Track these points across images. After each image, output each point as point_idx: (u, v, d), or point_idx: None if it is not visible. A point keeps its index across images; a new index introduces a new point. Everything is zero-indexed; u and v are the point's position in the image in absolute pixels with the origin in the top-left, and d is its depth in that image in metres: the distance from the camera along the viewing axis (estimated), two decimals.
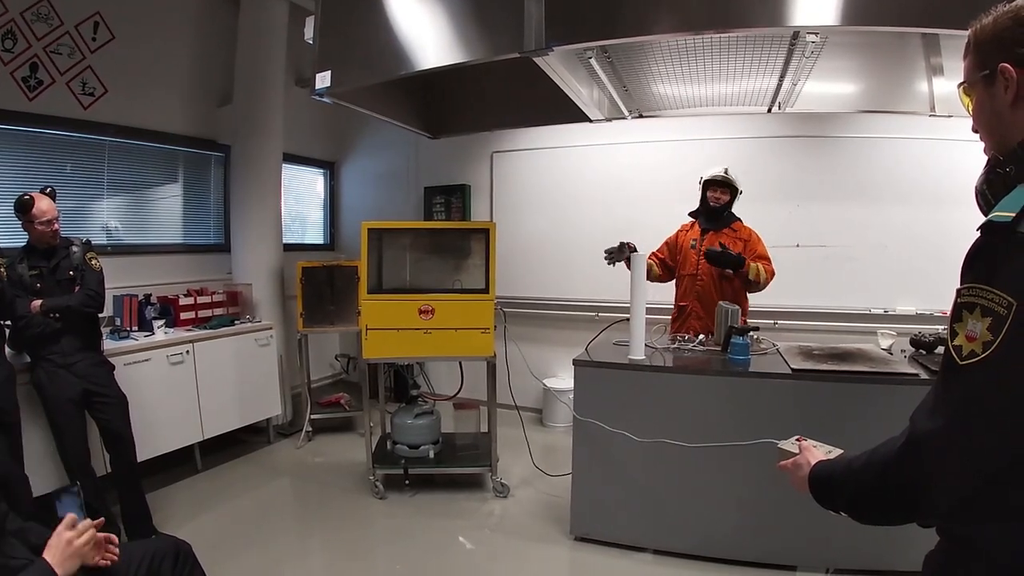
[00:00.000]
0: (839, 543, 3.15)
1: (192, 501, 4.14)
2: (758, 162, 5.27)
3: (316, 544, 3.75)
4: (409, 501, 4.17)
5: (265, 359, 5.07)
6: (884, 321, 4.79)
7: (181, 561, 2.17)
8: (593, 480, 3.58)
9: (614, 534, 3.57)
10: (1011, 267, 0.96)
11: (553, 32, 2.56)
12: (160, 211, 5.31)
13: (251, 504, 4.20)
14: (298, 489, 4.57)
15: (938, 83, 3.38)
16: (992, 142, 1.18)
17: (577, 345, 3.93)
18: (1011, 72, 1.09)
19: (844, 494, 1.26)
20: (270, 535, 3.75)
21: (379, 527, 3.92)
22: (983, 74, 1.15)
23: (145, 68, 4.91)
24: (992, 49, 1.13)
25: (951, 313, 1.04)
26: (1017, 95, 1.10)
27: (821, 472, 1.34)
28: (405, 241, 4.47)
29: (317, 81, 3.17)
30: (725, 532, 3.37)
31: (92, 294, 3.46)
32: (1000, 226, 0.99)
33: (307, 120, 6.43)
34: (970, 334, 0.99)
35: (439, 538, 3.73)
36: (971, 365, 0.98)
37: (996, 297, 0.96)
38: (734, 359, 3.49)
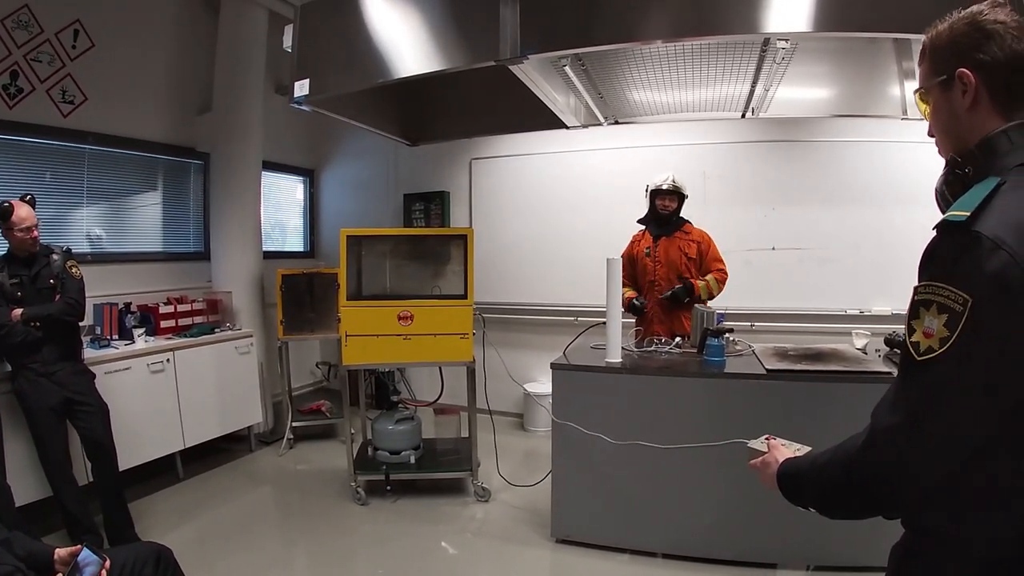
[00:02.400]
0: (819, 540, 3.19)
1: (174, 510, 4.12)
2: (733, 167, 5.34)
3: (299, 551, 3.74)
4: (391, 507, 4.17)
5: (246, 367, 5.06)
6: (860, 322, 4.86)
7: (163, 566, 2.18)
8: (572, 483, 3.61)
9: (594, 535, 3.59)
10: (966, 265, 0.99)
11: (528, 40, 2.61)
12: (140, 219, 5.28)
13: (233, 512, 4.19)
14: (280, 497, 4.56)
15: (910, 86, 3.44)
16: (950, 145, 1.22)
17: (556, 350, 3.96)
18: (969, 77, 1.13)
19: (810, 489, 1.28)
20: (253, 543, 3.74)
21: (361, 533, 3.92)
22: (940, 79, 1.18)
23: (125, 76, 4.90)
24: (949, 55, 1.17)
25: (908, 310, 1.07)
26: (975, 98, 1.14)
27: (788, 469, 1.36)
28: (384, 248, 4.49)
29: (296, 89, 3.21)
30: (704, 531, 3.41)
31: (72, 302, 3.44)
32: (955, 225, 1.03)
33: (286, 128, 6.43)
34: (927, 330, 1.01)
35: (421, 543, 3.74)
36: (928, 361, 1.01)
37: (952, 294, 0.99)
38: (709, 360, 3.53)
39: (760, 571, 3.33)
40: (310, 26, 3.25)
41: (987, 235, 0.97)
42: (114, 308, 4.40)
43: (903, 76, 3.42)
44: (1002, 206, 1.01)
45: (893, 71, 3.43)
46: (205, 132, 5.48)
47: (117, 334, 4.37)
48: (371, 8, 3.03)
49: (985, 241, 0.97)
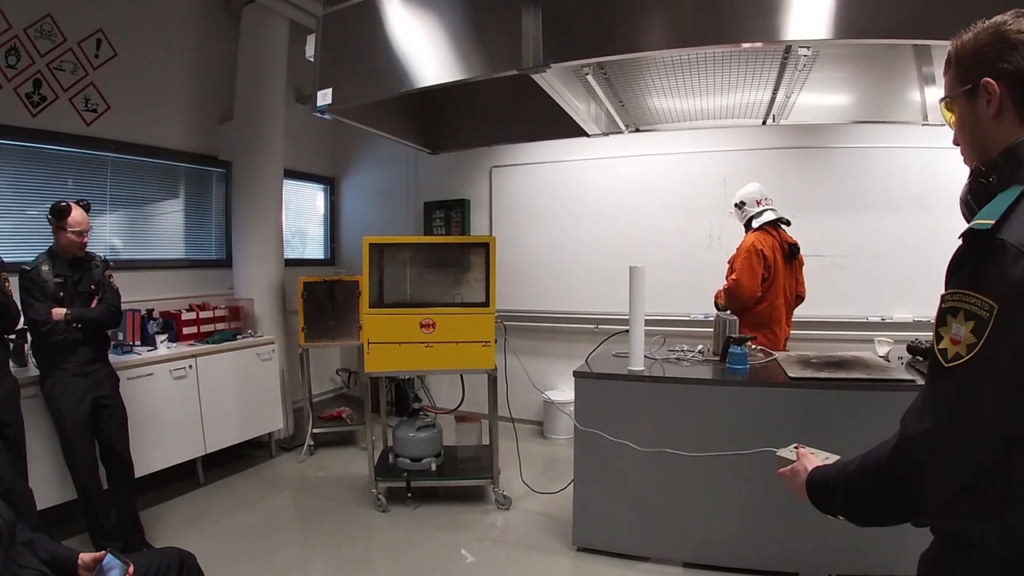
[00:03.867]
0: (840, 548, 3.16)
1: (195, 515, 4.15)
2: (754, 174, 5.29)
3: (319, 557, 3.76)
4: (411, 514, 4.18)
5: (267, 374, 5.10)
6: (881, 329, 4.83)
7: (186, 572, 2.19)
8: (594, 490, 3.60)
9: (616, 544, 3.58)
10: (992, 272, 1.00)
11: (550, 49, 2.62)
12: (162, 226, 5.34)
13: (254, 518, 4.21)
14: (300, 503, 4.57)
15: (930, 92, 3.42)
16: (974, 154, 1.22)
17: (577, 357, 3.96)
18: (994, 86, 1.13)
19: (840, 498, 1.29)
20: (273, 549, 3.76)
21: (382, 540, 3.93)
22: (965, 88, 1.19)
23: (147, 85, 4.97)
24: (973, 64, 1.17)
25: (936, 318, 1.08)
26: (999, 108, 1.14)
27: (817, 477, 1.37)
28: (406, 256, 4.50)
29: (318, 98, 3.23)
30: (726, 539, 3.39)
31: (114, 310, 3.57)
32: (981, 233, 1.03)
33: (307, 136, 6.50)
34: (955, 337, 1.02)
35: (442, 550, 3.74)
36: (956, 367, 1.02)
37: (978, 301, 1.00)
38: (732, 368, 3.53)
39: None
40: (332, 36, 3.28)
41: (1012, 243, 0.99)
42: (137, 314, 4.45)
43: (923, 81, 3.39)
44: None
45: (913, 76, 3.41)
46: (227, 141, 5.54)
47: (140, 340, 4.43)
48: (393, 18, 3.04)
49: (1010, 249, 0.98)
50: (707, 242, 5.53)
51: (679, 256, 5.55)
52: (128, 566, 1.98)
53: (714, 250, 5.47)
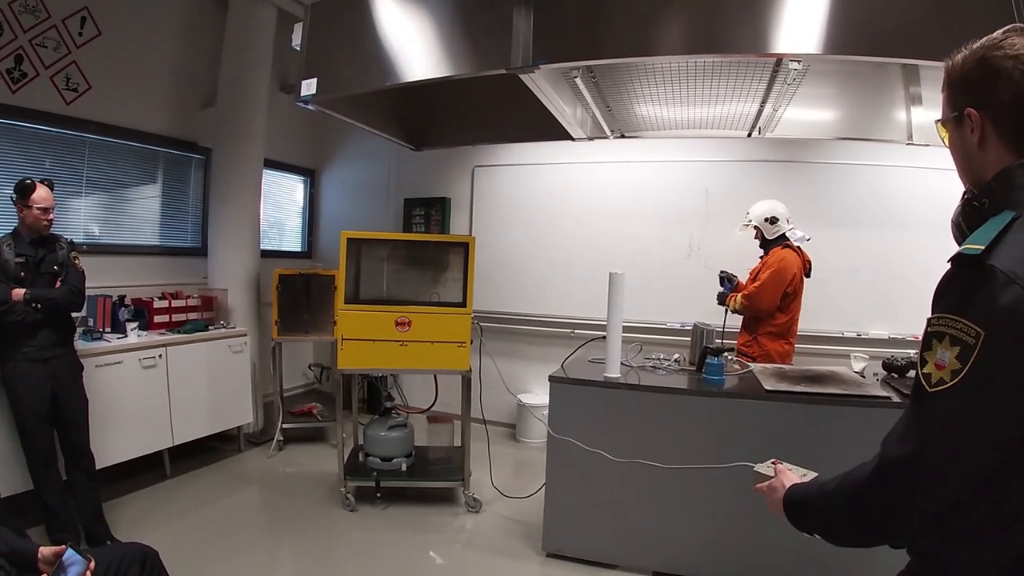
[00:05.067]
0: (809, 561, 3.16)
1: (160, 508, 4.07)
2: (736, 185, 5.34)
3: (286, 556, 3.70)
4: (380, 514, 4.13)
5: (238, 366, 5.01)
6: (857, 344, 4.88)
7: (148, 568, 2.14)
8: (566, 497, 3.58)
9: (586, 551, 3.57)
10: (980, 298, 0.98)
11: (540, 50, 2.59)
12: (137, 212, 5.24)
13: (220, 513, 4.13)
14: (268, 499, 4.50)
15: (916, 112, 3.44)
16: (966, 177, 1.22)
17: (551, 361, 3.94)
18: (976, 116, 1.13)
19: (817, 517, 1.28)
20: (239, 546, 3.69)
21: (349, 540, 3.87)
22: (953, 115, 1.19)
23: (130, 66, 4.87)
24: (960, 91, 1.17)
25: (921, 341, 1.07)
26: (982, 137, 1.14)
27: (795, 495, 1.36)
28: (384, 252, 4.45)
29: (303, 88, 3.17)
30: (696, 549, 3.39)
31: (76, 291, 3.45)
32: (970, 258, 1.02)
33: (289, 126, 6.41)
34: (939, 362, 1.01)
35: (410, 552, 3.70)
36: (940, 392, 1.01)
37: (965, 327, 0.98)
38: (709, 379, 3.53)
39: None
40: (320, 25, 3.22)
41: (1001, 269, 0.97)
42: (108, 300, 4.35)
43: (910, 101, 3.41)
44: (1017, 241, 1.01)
45: (900, 96, 3.42)
46: (208, 127, 5.45)
47: (110, 327, 4.33)
48: (382, 9, 3.00)
49: (999, 275, 0.97)
50: (687, 251, 5.55)
51: (658, 264, 5.56)
52: (89, 561, 1.92)
53: (693, 259, 5.50)
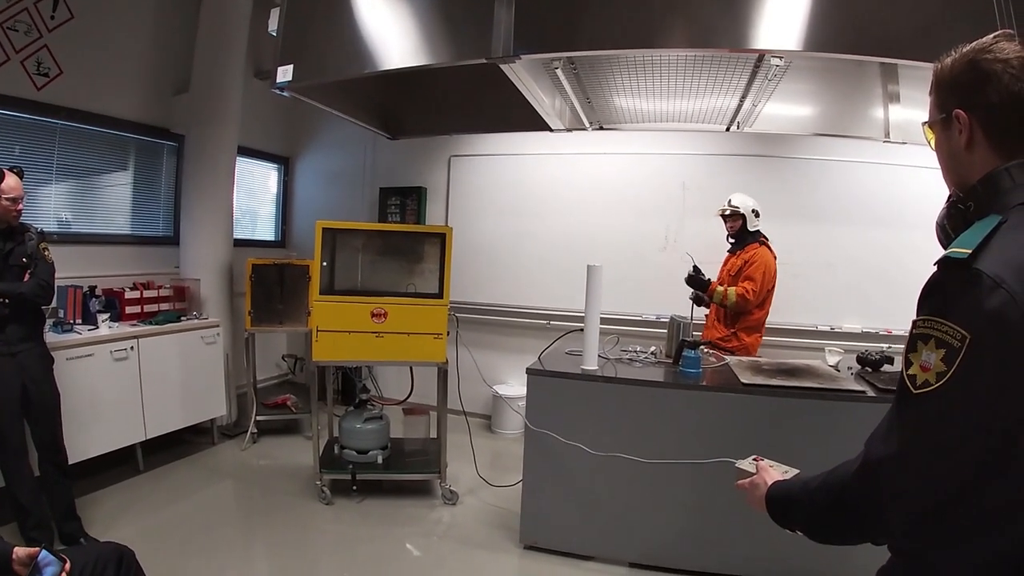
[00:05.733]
0: (784, 554, 3.19)
1: (133, 503, 3.99)
2: (713, 179, 5.37)
3: (262, 550, 3.67)
4: (356, 507, 4.10)
5: (211, 358, 4.94)
6: (830, 338, 4.93)
7: (124, 567, 2.10)
8: (543, 489, 3.58)
9: (563, 543, 3.58)
10: (966, 302, 0.99)
11: (522, 40, 2.56)
12: (109, 200, 5.12)
13: (194, 507, 4.07)
14: (242, 492, 4.45)
15: (894, 110, 3.47)
16: (952, 179, 1.23)
17: (527, 352, 3.94)
18: (964, 118, 1.15)
19: (801, 514, 1.29)
20: (215, 541, 3.64)
21: (325, 533, 3.84)
22: (941, 117, 1.20)
23: (102, 50, 4.73)
24: (949, 94, 1.19)
25: (906, 343, 1.08)
26: (970, 138, 1.15)
27: (778, 492, 1.37)
28: (360, 242, 4.40)
29: (279, 74, 3.11)
30: (673, 541, 3.42)
31: (45, 285, 3.32)
32: (957, 262, 1.03)
33: (263, 113, 6.29)
34: (924, 364, 1.02)
35: (386, 545, 3.68)
36: (924, 394, 1.02)
37: (951, 330, 0.99)
38: (685, 371, 3.54)
39: None
40: (297, 11, 3.16)
41: (988, 273, 0.98)
42: (79, 291, 4.23)
43: (887, 99, 3.45)
44: (1003, 245, 1.03)
45: (878, 93, 3.46)
46: (181, 113, 5.34)
47: (81, 318, 4.22)
48: None
49: (986, 279, 0.98)
50: (662, 243, 5.58)
51: (634, 256, 5.59)
52: (64, 563, 1.88)
53: (669, 252, 5.53)
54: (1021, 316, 0.96)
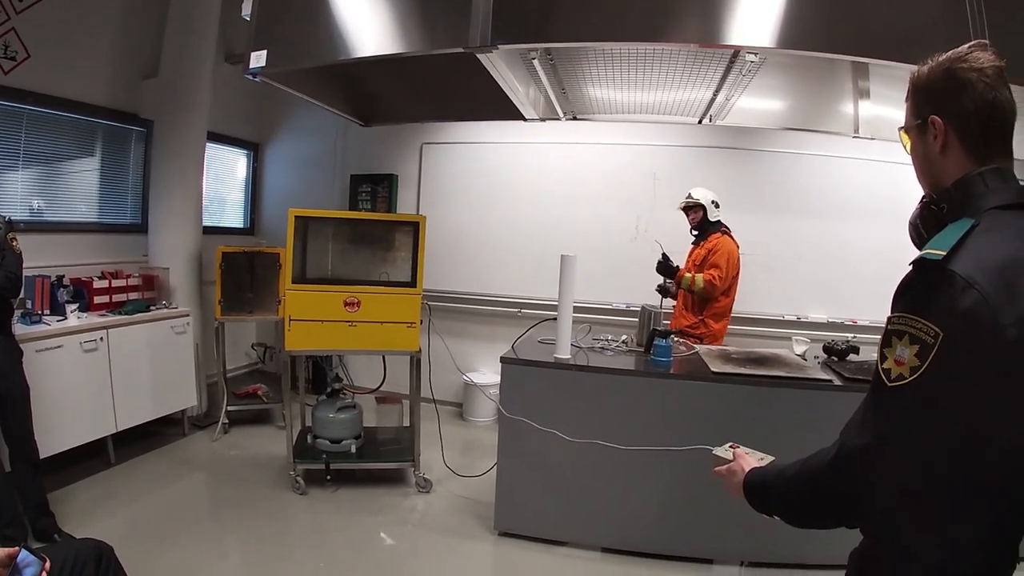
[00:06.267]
0: (753, 538, 3.28)
1: (105, 496, 3.93)
2: (684, 170, 5.43)
3: (236, 541, 3.64)
4: (330, 497, 4.09)
5: (181, 347, 4.87)
6: (797, 327, 5.03)
7: (104, 564, 2.08)
8: (517, 476, 3.61)
9: (537, 529, 3.62)
10: (940, 301, 1.05)
11: (499, 30, 2.57)
12: (76, 187, 4.99)
13: (168, 500, 4.02)
14: (216, 484, 4.40)
15: (864, 106, 3.55)
16: (926, 183, 1.28)
17: (498, 340, 3.95)
18: (940, 124, 1.19)
19: (778, 500, 1.35)
20: (188, 532, 3.61)
21: (300, 523, 3.83)
22: (917, 123, 1.25)
23: (71, 34, 4.59)
24: (925, 100, 1.23)
25: (882, 338, 1.13)
26: (945, 144, 1.20)
27: (755, 479, 1.42)
28: (332, 230, 4.37)
29: (252, 60, 3.08)
30: (645, 526, 3.47)
31: (13, 277, 3.22)
32: (932, 263, 1.08)
33: (232, 98, 6.17)
34: (899, 359, 1.08)
35: (361, 534, 3.69)
36: (898, 387, 1.07)
37: (924, 327, 1.05)
38: (657, 360, 3.59)
39: (696, 566, 3.42)
40: None
41: (961, 274, 1.03)
42: (46, 281, 4.13)
43: (858, 95, 3.51)
44: (976, 248, 1.07)
45: (849, 89, 3.52)
46: (150, 98, 5.21)
47: (49, 309, 4.12)
48: None
49: (959, 280, 1.03)
50: (633, 233, 5.64)
51: (605, 245, 5.63)
52: (44, 562, 1.85)
53: (639, 241, 5.58)
54: (992, 315, 1.01)
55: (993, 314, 1.01)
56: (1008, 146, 1.20)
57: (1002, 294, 1.02)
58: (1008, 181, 1.18)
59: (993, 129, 1.18)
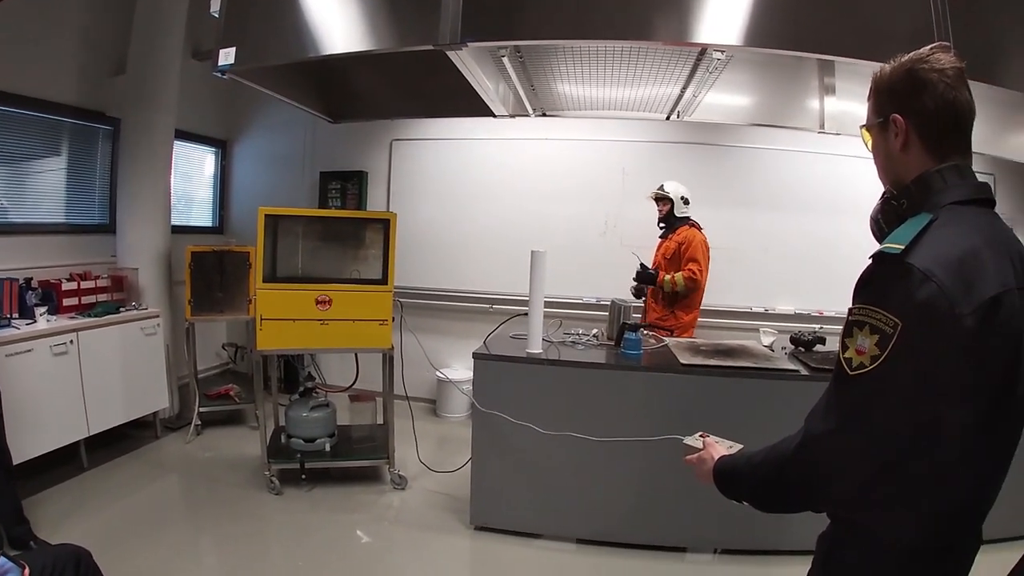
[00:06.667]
0: (726, 526, 3.35)
1: (80, 502, 3.87)
2: (653, 165, 5.49)
3: (212, 543, 3.62)
4: (306, 496, 4.08)
5: (152, 349, 4.81)
6: (765, 319, 5.12)
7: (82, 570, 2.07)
8: (492, 470, 3.64)
9: (513, 522, 3.64)
10: (898, 293, 1.09)
11: (469, 27, 2.58)
12: (42, 187, 4.89)
13: (142, 504, 3.97)
14: (190, 486, 4.36)
15: (829, 102, 3.62)
16: (887, 179, 1.33)
17: (471, 336, 3.96)
18: (901, 122, 1.24)
19: (746, 487, 1.38)
20: (163, 535, 3.57)
21: (276, 523, 3.81)
22: (879, 121, 1.29)
23: (35, 30, 4.50)
24: (887, 99, 1.28)
25: (843, 329, 1.18)
26: (906, 142, 1.24)
27: (724, 467, 1.45)
28: (303, 229, 4.33)
29: (220, 57, 3.05)
30: (619, 517, 3.52)
31: None
32: (891, 256, 1.13)
33: (200, 95, 6.05)
34: (859, 348, 1.13)
35: (338, 532, 3.69)
36: (859, 376, 1.12)
37: (884, 318, 1.09)
38: (627, 353, 3.64)
39: (669, 554, 3.47)
40: None
41: (919, 267, 1.08)
42: (14, 284, 4.05)
43: (823, 91, 3.58)
44: (933, 241, 1.12)
45: (814, 86, 3.60)
46: (117, 95, 5.12)
47: (17, 312, 4.04)
48: None
49: (917, 273, 1.08)
50: (603, 228, 5.69)
51: (575, 240, 5.69)
52: (23, 568, 1.84)
53: (608, 236, 5.65)
54: (948, 306, 1.06)
55: (950, 305, 1.05)
56: (966, 144, 1.25)
57: (959, 286, 1.07)
58: (966, 178, 1.23)
59: (952, 128, 1.22)
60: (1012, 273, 1.15)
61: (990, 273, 1.10)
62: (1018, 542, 1.42)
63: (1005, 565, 1.35)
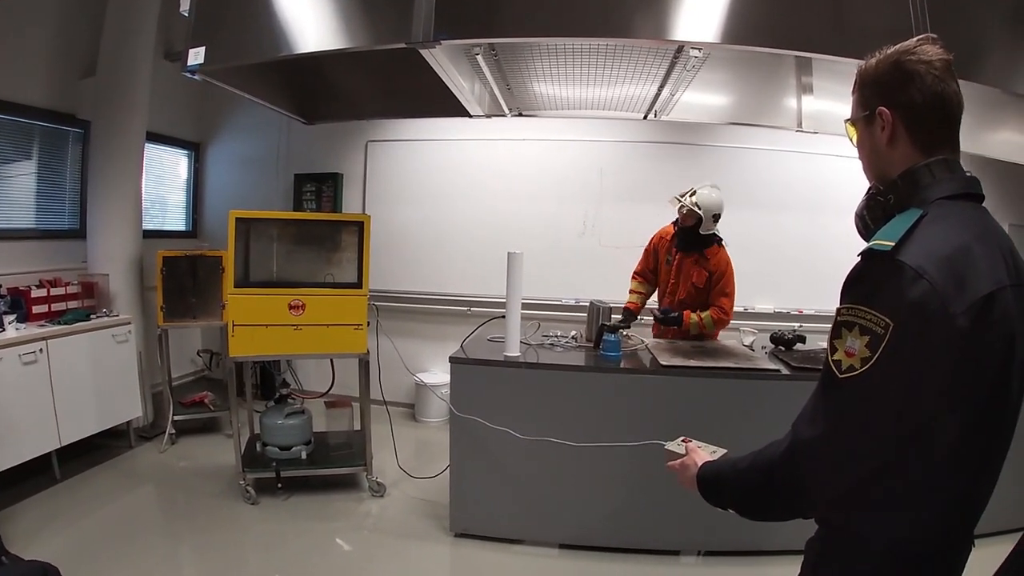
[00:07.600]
0: (711, 527, 3.33)
1: (53, 514, 3.77)
2: (630, 165, 5.49)
3: (188, 554, 3.54)
4: (283, 505, 4.01)
5: (124, 357, 4.71)
6: (744, 318, 5.10)
7: None
8: (471, 476, 3.59)
9: (495, 528, 3.60)
10: (889, 291, 1.05)
11: (442, 25, 2.53)
12: (10, 192, 4.78)
13: (117, 515, 3.87)
14: (165, 496, 4.26)
15: (807, 100, 3.61)
16: (873, 173, 1.29)
17: (449, 339, 3.92)
18: (888, 115, 1.20)
19: (732, 494, 1.34)
20: (139, 547, 3.48)
21: (253, 533, 3.74)
22: (864, 114, 1.25)
23: (3, 30, 4.40)
24: (873, 92, 1.24)
25: (831, 329, 1.13)
26: (892, 135, 1.21)
27: (708, 473, 1.41)
28: (276, 232, 4.26)
29: (190, 57, 2.97)
30: (602, 521, 3.49)
31: None
32: (880, 254, 1.09)
33: (172, 96, 5.96)
34: (849, 350, 1.08)
35: (316, 541, 3.62)
36: (849, 379, 1.08)
37: (874, 318, 1.05)
38: (606, 355, 3.61)
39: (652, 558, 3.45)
40: None
41: (910, 264, 1.04)
42: None
43: (801, 90, 3.58)
44: (923, 238, 1.09)
45: (792, 84, 3.59)
46: (87, 98, 5.02)
47: None
48: None
49: (908, 270, 1.04)
50: (580, 228, 5.68)
51: (552, 241, 5.67)
52: None
53: (587, 237, 5.64)
54: (941, 305, 1.02)
55: (943, 304, 1.02)
56: (955, 138, 1.22)
57: (951, 284, 1.03)
58: (955, 172, 1.20)
59: (941, 121, 1.19)
60: (1004, 270, 1.12)
61: (983, 270, 1.07)
62: (1009, 535, 1.38)
63: (994, 560, 1.32)
